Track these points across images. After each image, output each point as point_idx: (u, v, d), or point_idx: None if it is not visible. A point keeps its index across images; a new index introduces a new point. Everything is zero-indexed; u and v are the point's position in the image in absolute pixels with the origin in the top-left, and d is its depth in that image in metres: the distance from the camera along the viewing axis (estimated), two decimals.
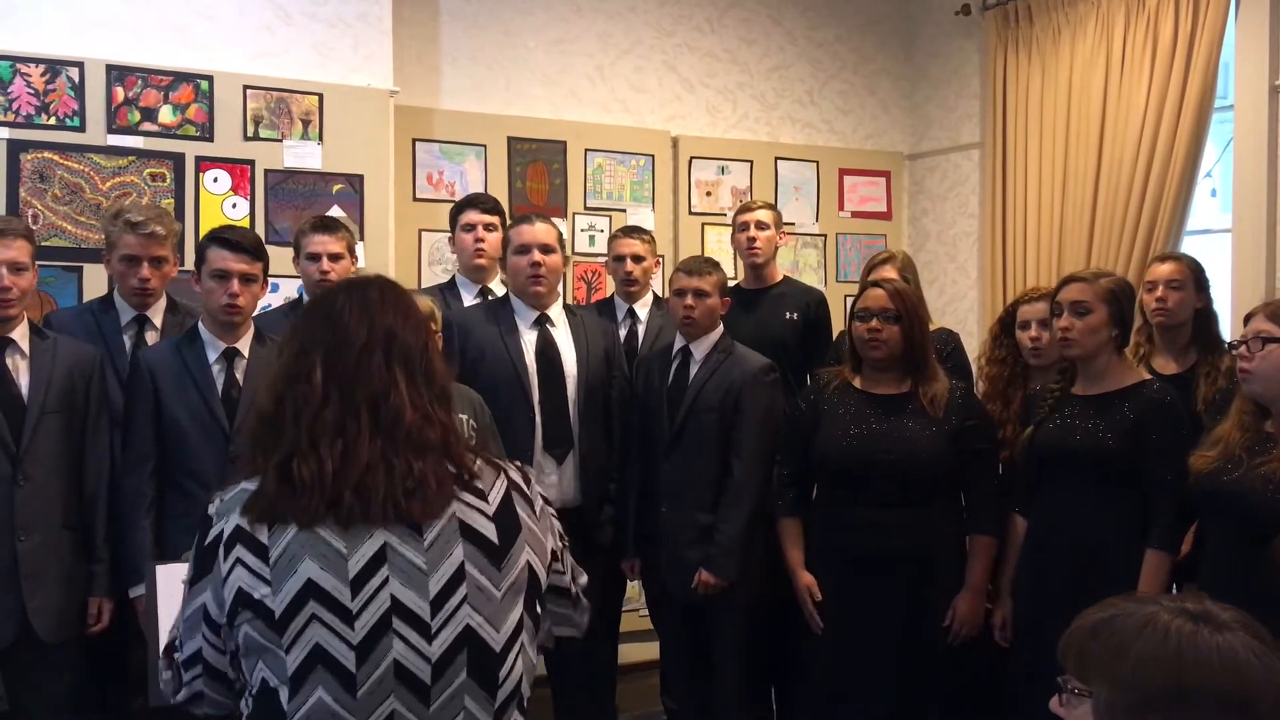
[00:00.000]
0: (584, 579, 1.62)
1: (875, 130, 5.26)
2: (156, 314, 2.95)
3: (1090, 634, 1.20)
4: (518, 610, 1.41)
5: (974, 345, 3.96)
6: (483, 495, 1.41)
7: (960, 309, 5.01)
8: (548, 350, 3.08)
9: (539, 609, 1.47)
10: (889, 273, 3.29)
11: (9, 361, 2.55)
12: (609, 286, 4.05)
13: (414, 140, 4.25)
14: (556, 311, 3.16)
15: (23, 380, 2.56)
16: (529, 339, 3.08)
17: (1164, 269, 3.09)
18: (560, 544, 1.55)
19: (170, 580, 2.09)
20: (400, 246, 4.04)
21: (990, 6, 4.75)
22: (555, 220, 3.31)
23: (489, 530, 1.39)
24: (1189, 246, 4.00)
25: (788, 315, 3.62)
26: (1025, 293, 3.16)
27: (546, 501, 1.54)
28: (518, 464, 1.54)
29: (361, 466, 1.35)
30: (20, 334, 2.57)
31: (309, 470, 1.34)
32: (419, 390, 1.42)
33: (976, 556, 2.75)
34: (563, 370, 3.08)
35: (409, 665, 1.33)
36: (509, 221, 3.44)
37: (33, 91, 3.43)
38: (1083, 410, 2.62)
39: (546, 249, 3.08)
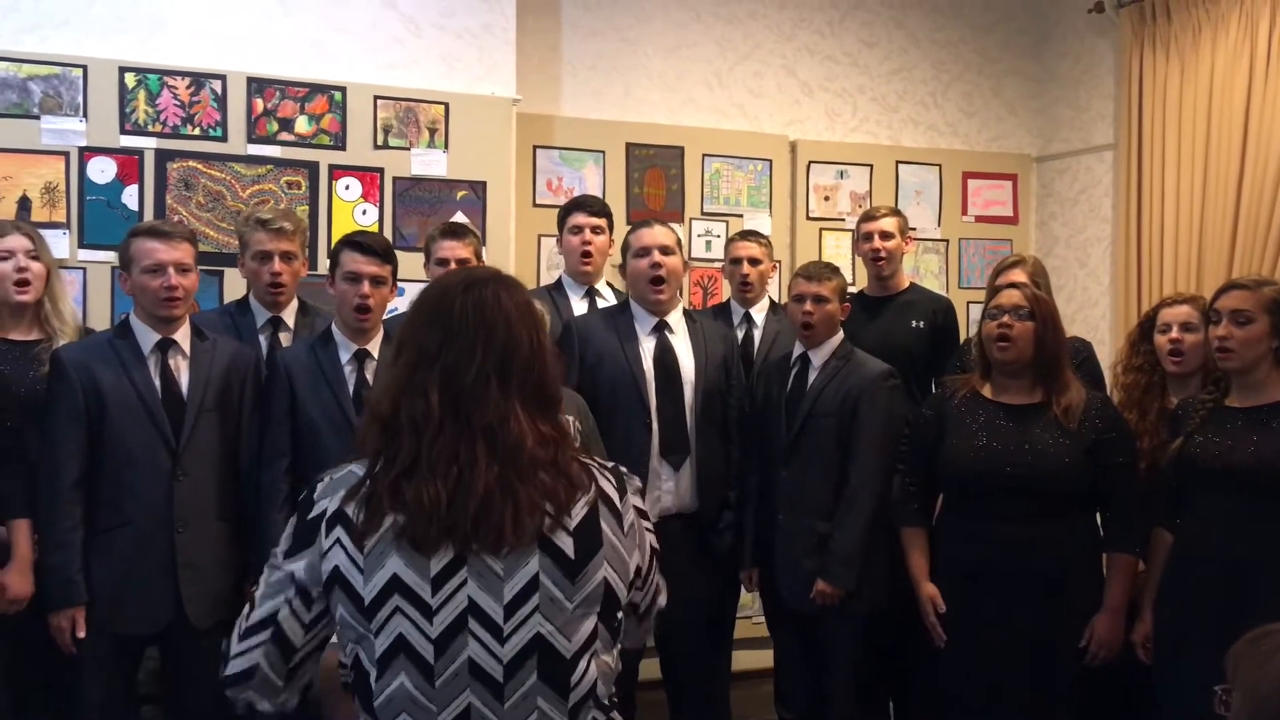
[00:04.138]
0: (662, 600, 1.61)
1: (1001, 132, 5.12)
2: (289, 315, 3.07)
3: (1247, 644, 1.16)
4: (591, 622, 1.42)
5: (1105, 355, 3.82)
6: (566, 510, 1.41)
7: (1091, 317, 4.84)
8: (665, 357, 3.08)
9: (617, 621, 1.47)
10: (1019, 277, 3.19)
11: (171, 362, 2.68)
12: (724, 292, 4.04)
13: (535, 147, 4.33)
14: (676, 318, 3.16)
15: (183, 379, 2.68)
16: (647, 346, 3.09)
17: None
18: (649, 563, 1.53)
19: None
20: (520, 251, 4.12)
21: (1125, 4, 4.58)
22: (672, 225, 3.32)
23: (566, 545, 1.40)
24: None
25: (913, 323, 3.54)
26: (1168, 297, 3.03)
27: (642, 515, 1.52)
28: (619, 470, 1.52)
29: (478, 495, 1.36)
30: (182, 335, 2.70)
31: (427, 497, 1.36)
32: (532, 410, 1.42)
33: (1116, 575, 2.64)
34: (680, 377, 3.07)
35: (483, 664, 1.37)
36: (628, 227, 3.46)
37: (179, 104, 3.62)
38: (1237, 423, 2.49)
39: (666, 250, 3.09)
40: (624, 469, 1.53)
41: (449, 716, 1.37)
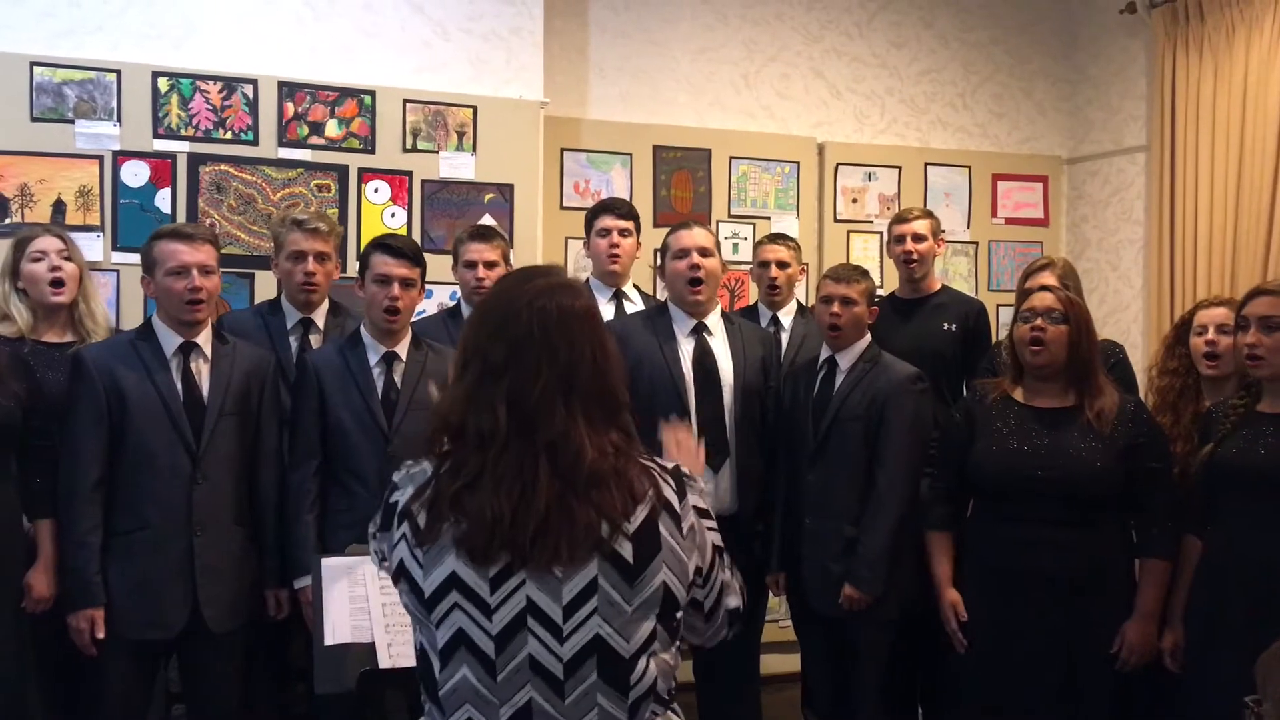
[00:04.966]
0: (734, 601, 1.59)
1: (1032, 134, 5.08)
2: (319, 316, 3.09)
3: (1277, 654, 1.15)
4: (649, 623, 1.43)
5: (1138, 358, 3.77)
6: (626, 515, 1.42)
7: (1123, 320, 4.79)
8: (704, 359, 3.08)
9: (676, 621, 1.48)
10: (1048, 280, 3.16)
11: (193, 365, 2.68)
12: (752, 295, 4.03)
13: (562, 150, 4.34)
14: (714, 320, 3.15)
15: (204, 383, 2.69)
16: (686, 348, 3.09)
17: None
18: (710, 562, 1.53)
19: (335, 573, 2.19)
20: (547, 254, 4.12)
21: (1158, 4, 4.53)
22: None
23: (625, 550, 1.41)
24: None
25: (945, 326, 3.52)
26: (1204, 299, 2.99)
27: (703, 514, 1.52)
28: (679, 472, 1.52)
29: (540, 513, 1.38)
30: (204, 339, 2.71)
31: (491, 511, 1.38)
32: (595, 423, 1.44)
33: (1148, 581, 2.60)
34: (719, 379, 3.07)
35: (543, 661, 1.40)
36: (660, 230, 3.47)
37: (211, 108, 3.66)
38: (1268, 429, 2.45)
39: (705, 252, 3.09)
40: (685, 470, 1.54)
41: (510, 710, 1.40)
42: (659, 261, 3.25)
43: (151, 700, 2.79)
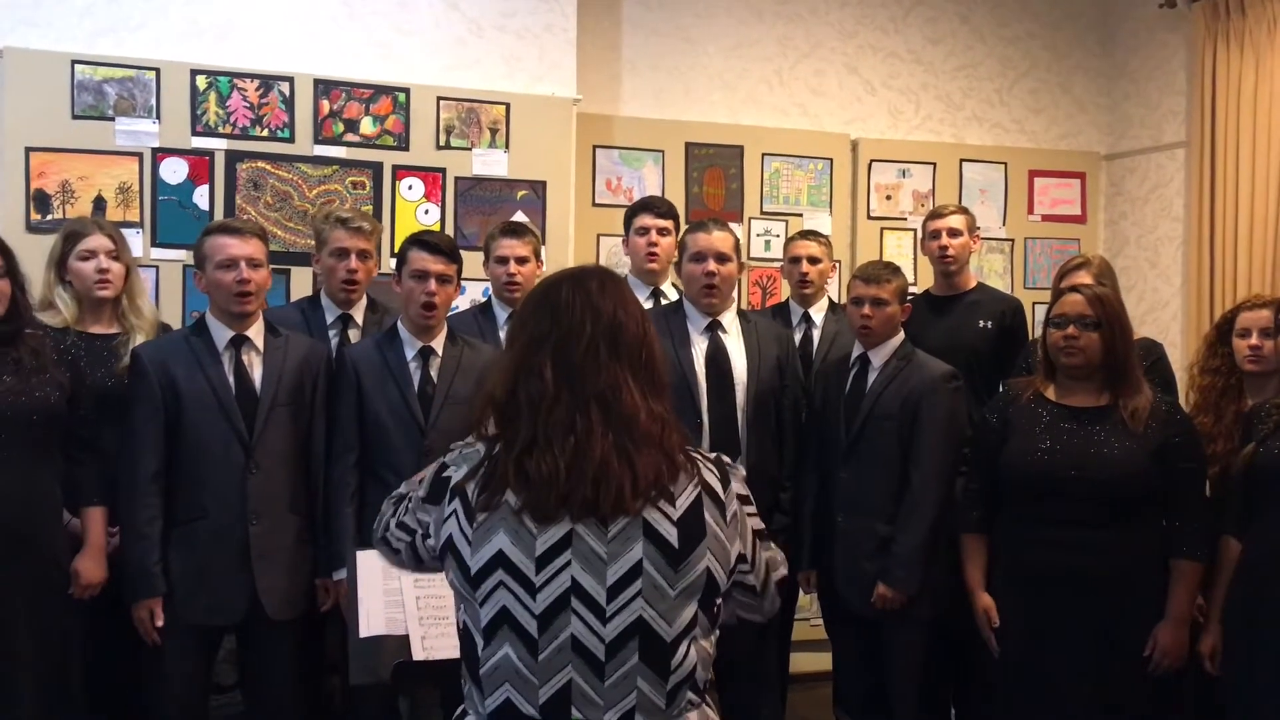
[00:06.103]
0: (781, 571, 1.62)
1: (1070, 130, 5.03)
2: (358, 312, 3.12)
3: None
4: (692, 608, 1.45)
5: (1177, 357, 3.72)
6: (671, 499, 1.45)
7: (1162, 318, 4.73)
8: (717, 357, 3.06)
9: (716, 607, 1.50)
10: (1084, 279, 3.12)
11: (245, 357, 2.73)
12: (784, 291, 4.02)
13: (594, 147, 4.34)
14: (729, 318, 3.13)
15: (256, 375, 2.73)
16: (699, 346, 3.07)
17: None
18: (752, 546, 1.55)
19: (370, 565, 2.21)
20: (579, 250, 4.13)
21: None
22: (731, 225, 3.30)
23: (670, 534, 1.43)
24: None
25: (981, 323, 3.49)
26: (1248, 299, 2.95)
27: (745, 501, 1.54)
28: (722, 461, 1.54)
29: (596, 461, 1.41)
30: (255, 331, 2.75)
31: (546, 468, 1.41)
32: (643, 384, 1.47)
33: (1180, 583, 2.56)
34: (732, 377, 3.05)
35: (585, 641, 1.42)
36: (685, 226, 3.46)
37: (248, 105, 3.69)
38: None
39: (722, 258, 3.06)
40: (728, 459, 1.56)
41: (550, 691, 1.42)
42: (677, 257, 3.24)
43: (209, 687, 2.83)
